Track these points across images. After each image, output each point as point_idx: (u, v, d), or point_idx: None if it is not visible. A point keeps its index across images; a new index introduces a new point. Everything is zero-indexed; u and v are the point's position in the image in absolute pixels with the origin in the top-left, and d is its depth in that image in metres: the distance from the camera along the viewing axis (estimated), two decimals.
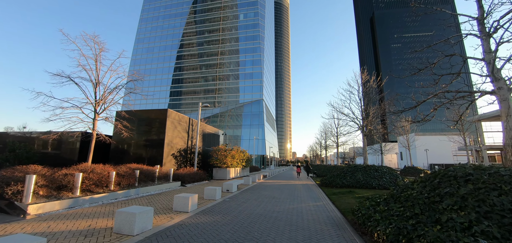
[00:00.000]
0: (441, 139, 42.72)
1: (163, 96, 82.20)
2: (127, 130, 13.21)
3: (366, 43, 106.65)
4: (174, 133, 16.38)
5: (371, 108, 17.28)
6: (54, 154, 15.54)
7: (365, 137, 17.14)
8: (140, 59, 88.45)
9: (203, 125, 22.23)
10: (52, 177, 7.01)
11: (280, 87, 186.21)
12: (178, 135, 16.92)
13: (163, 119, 15.35)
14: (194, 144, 19.33)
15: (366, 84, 18.22)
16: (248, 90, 69.64)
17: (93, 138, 11.74)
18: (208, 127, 23.73)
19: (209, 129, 24.20)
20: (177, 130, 16.78)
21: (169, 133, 15.66)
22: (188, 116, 19.20)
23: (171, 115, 16.04)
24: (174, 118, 16.46)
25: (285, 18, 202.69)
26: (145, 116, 16.04)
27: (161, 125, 15.35)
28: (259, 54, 70.28)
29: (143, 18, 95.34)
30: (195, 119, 19.79)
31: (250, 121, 66.94)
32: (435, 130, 78.13)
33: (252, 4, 75.80)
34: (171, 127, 16.03)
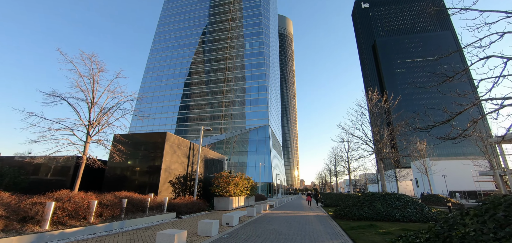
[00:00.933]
0: (464, 163, 39.55)
1: (169, 123, 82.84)
2: (121, 154, 12.25)
3: (370, 70, 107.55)
4: (173, 158, 15.29)
5: (386, 130, 15.89)
6: (45, 180, 14.55)
7: (381, 161, 15.49)
8: (148, 87, 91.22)
9: (206, 150, 21.14)
10: (16, 207, 5.90)
11: (286, 114, 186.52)
12: (177, 160, 15.81)
13: (161, 143, 14.38)
14: (194, 170, 18.07)
15: (377, 104, 17.08)
16: (253, 116, 69.32)
17: (83, 162, 10.78)
18: (210, 152, 22.58)
19: (212, 154, 23.02)
20: (176, 155, 15.71)
21: (167, 157, 14.59)
22: (193, 142, 18.27)
23: (170, 139, 15.11)
24: (173, 142, 15.49)
25: (289, 47, 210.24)
26: (142, 140, 15.15)
27: (159, 149, 14.36)
28: (264, 81, 71.17)
29: (154, 48, 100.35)
30: (196, 144, 18.78)
31: (256, 147, 65.50)
32: (450, 154, 74.03)
33: (257, 34, 78.90)
34: (170, 151, 15.00)
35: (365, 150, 17.38)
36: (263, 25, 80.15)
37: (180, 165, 16.22)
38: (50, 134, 10.08)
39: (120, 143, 13.12)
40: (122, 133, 14.06)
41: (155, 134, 15.14)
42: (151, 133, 15.12)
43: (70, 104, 10.84)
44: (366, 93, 18.01)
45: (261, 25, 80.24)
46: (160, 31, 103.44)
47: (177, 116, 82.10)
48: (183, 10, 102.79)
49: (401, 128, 15.14)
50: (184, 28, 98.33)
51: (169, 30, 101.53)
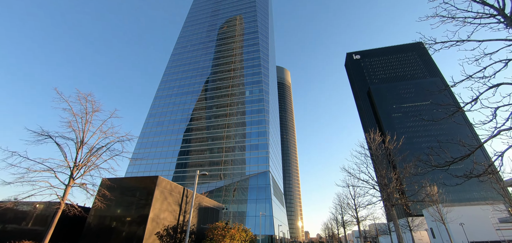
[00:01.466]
0: (484, 208, 36.30)
1: (167, 168, 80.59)
2: (105, 200, 11.13)
3: (367, 115, 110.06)
4: (163, 206, 13.93)
5: (393, 172, 14.82)
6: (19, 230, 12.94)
7: (392, 207, 13.91)
8: (149, 132, 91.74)
9: (200, 197, 19.63)
10: None
11: (287, 161, 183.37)
12: (167, 208, 14.39)
13: (151, 189, 13.27)
14: (186, 220, 16.36)
15: (381, 145, 16.39)
16: (253, 162, 67.67)
17: (60, 209, 9.64)
18: (206, 200, 20.94)
19: (207, 202, 21.33)
20: (167, 202, 14.37)
21: (157, 205, 13.27)
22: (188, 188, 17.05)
23: (161, 184, 14.02)
24: (164, 187, 14.35)
25: (288, 96, 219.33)
26: (131, 184, 14.04)
27: (148, 195, 13.16)
28: (264, 126, 71.77)
29: (158, 95, 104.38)
30: (190, 190, 17.47)
31: (256, 195, 62.11)
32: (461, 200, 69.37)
33: (257, 82, 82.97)
34: (160, 198, 13.75)
35: (373, 196, 15.97)
36: (262, 74, 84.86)
37: (171, 213, 14.71)
38: (29, 176, 9.24)
39: (107, 188, 12.10)
40: (110, 177, 13.11)
41: (145, 178, 14.11)
42: (142, 177, 14.09)
43: (57, 143, 10.27)
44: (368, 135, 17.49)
45: (260, 74, 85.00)
46: (165, 79, 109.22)
47: (176, 162, 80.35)
48: (187, 61, 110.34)
49: (411, 169, 14.09)
50: (188, 77, 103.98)
51: (174, 79, 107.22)
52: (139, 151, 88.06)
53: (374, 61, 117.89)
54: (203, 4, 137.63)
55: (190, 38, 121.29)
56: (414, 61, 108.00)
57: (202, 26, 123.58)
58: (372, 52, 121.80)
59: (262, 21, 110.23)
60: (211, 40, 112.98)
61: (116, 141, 11.66)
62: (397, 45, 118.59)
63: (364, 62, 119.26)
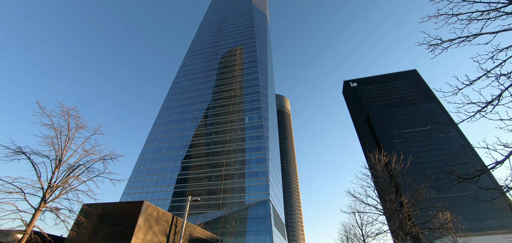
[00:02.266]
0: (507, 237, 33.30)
1: (163, 197, 77.20)
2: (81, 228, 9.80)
3: (368, 140, 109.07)
4: (148, 236, 12.42)
5: (403, 196, 13.43)
6: None
7: (407, 236, 12.24)
8: (146, 159, 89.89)
9: (192, 227, 17.91)
10: None
11: (288, 189, 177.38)
12: (153, 239, 12.83)
13: (134, 216, 11.91)
14: None
15: (387, 167, 15.26)
16: (253, 190, 64.88)
17: (24, 237, 8.33)
18: (198, 230, 19.11)
19: (200, 233, 19.46)
20: (152, 231, 12.86)
21: (140, 234, 11.81)
22: (178, 216, 15.56)
23: (147, 210, 12.68)
24: (150, 214, 12.95)
25: (288, 123, 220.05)
26: (113, 211, 12.67)
27: (130, 223, 11.76)
28: (264, 153, 70.30)
29: (157, 122, 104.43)
30: (181, 219, 15.93)
31: (255, 226, 58.36)
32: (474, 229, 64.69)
33: (256, 109, 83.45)
34: (145, 226, 12.31)
35: (383, 223, 14.37)
36: (261, 101, 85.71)
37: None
38: None
39: (85, 214, 10.81)
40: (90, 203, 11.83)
41: (128, 203, 12.80)
42: (125, 203, 12.78)
43: (32, 161, 9.28)
44: (372, 155, 16.40)
45: (259, 100, 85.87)
46: (165, 107, 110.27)
47: (173, 190, 77.28)
48: (188, 89, 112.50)
49: (423, 191, 12.76)
50: (188, 104, 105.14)
51: (174, 105, 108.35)
52: (134, 178, 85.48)
53: (371, 88, 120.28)
54: (205, 36, 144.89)
55: (191, 67, 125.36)
56: (410, 88, 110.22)
57: (203, 56, 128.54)
58: (369, 79, 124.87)
59: (261, 51, 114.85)
60: (212, 69, 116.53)
61: (97, 159, 10.64)
62: (393, 73, 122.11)
63: (361, 90, 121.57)
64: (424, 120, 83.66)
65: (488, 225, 61.43)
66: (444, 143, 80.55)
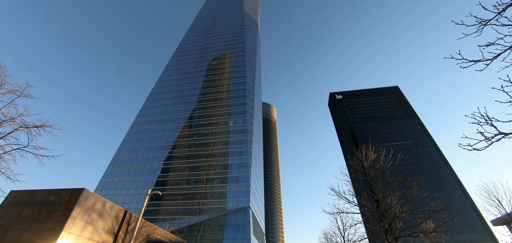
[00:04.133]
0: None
1: (136, 200, 71.86)
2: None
3: (350, 152, 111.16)
4: (86, 232, 9.94)
5: (392, 197, 12.13)
6: None
7: (397, 241, 10.84)
8: (122, 159, 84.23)
9: (151, 227, 15.39)
10: None
11: (270, 198, 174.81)
12: (94, 236, 10.34)
13: (68, 207, 9.47)
14: None
15: (375, 164, 14.11)
16: (233, 196, 62.07)
17: None
18: (159, 232, 16.55)
19: (162, 234, 16.89)
20: (93, 227, 10.38)
21: (75, 230, 9.35)
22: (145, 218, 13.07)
23: (87, 200, 10.24)
24: (92, 206, 10.50)
25: (273, 132, 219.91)
26: (45, 198, 10.05)
27: (61, 216, 9.28)
28: (246, 157, 68.17)
29: (136, 121, 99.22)
30: (135, 215, 13.46)
31: (233, 235, 55.32)
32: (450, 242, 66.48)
33: (241, 113, 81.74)
34: (82, 220, 9.85)
35: (372, 226, 12.97)
36: (247, 105, 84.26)
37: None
38: None
39: (12, 202, 8.27)
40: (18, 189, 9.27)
41: (65, 191, 10.27)
42: (61, 190, 10.26)
43: None
44: (359, 150, 15.22)
45: (245, 105, 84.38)
46: (147, 105, 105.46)
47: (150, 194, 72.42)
48: (173, 89, 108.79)
49: (415, 190, 11.54)
50: (171, 104, 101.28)
51: (156, 105, 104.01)
52: (107, 179, 79.48)
53: (355, 101, 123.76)
54: (194, 37, 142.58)
55: (178, 67, 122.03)
56: (392, 103, 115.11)
57: (191, 57, 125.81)
58: (354, 93, 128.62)
59: (249, 56, 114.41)
60: (199, 71, 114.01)
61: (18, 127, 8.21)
62: (376, 88, 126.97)
63: (346, 102, 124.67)
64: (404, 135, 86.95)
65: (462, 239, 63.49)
66: (423, 157, 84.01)
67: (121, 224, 12.34)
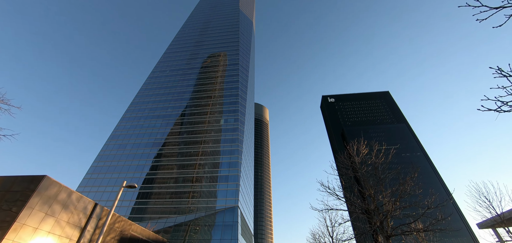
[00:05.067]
0: None
1: (122, 198, 69.37)
2: None
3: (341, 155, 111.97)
4: (45, 225, 8.91)
5: (384, 194, 11.65)
6: None
7: (389, 240, 10.33)
8: (108, 155, 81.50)
9: (126, 222, 14.35)
10: None
11: (260, 199, 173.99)
12: (55, 230, 9.31)
13: (25, 195, 8.43)
14: None
15: (367, 159, 13.77)
16: (222, 195, 60.95)
17: None
18: (135, 228, 15.50)
19: (138, 231, 15.82)
20: (55, 219, 9.35)
21: (32, 222, 8.33)
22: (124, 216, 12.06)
23: (48, 189, 9.21)
24: (54, 196, 9.46)
25: (265, 133, 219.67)
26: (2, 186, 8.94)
27: (16, 206, 8.24)
28: (236, 156, 67.28)
29: (125, 117, 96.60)
30: (106, 208, 12.44)
31: (220, 235, 54.23)
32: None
33: (233, 111, 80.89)
34: (42, 211, 8.82)
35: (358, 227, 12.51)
36: (239, 104, 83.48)
37: (60, 239, 9.54)
38: None
39: None
40: None
41: (23, 177, 9.20)
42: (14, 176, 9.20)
43: None
44: (350, 146, 14.85)
45: (237, 104, 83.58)
46: (137, 101, 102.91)
47: (138, 191, 70.00)
48: (164, 85, 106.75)
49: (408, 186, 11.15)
50: (162, 101, 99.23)
51: (146, 101, 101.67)
52: (91, 175, 76.74)
53: (347, 105, 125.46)
54: (188, 34, 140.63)
55: (170, 63, 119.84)
56: (383, 108, 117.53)
57: (184, 54, 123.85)
58: (346, 96, 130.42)
59: (243, 56, 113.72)
60: (191, 68, 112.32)
61: None
62: (368, 92, 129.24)
63: (338, 105, 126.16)
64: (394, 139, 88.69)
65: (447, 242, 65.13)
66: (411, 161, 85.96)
67: (90, 218, 11.31)
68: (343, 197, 12.99)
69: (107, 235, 11.45)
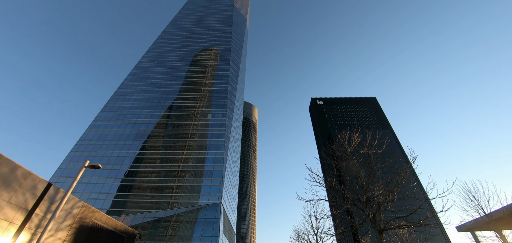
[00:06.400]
0: None
1: (105, 191, 65.53)
2: None
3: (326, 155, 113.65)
4: None
5: (378, 185, 11.14)
6: None
7: (381, 234, 9.71)
8: (86, 145, 77.19)
9: (88, 209, 12.85)
10: None
11: (244, 199, 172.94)
12: None
13: None
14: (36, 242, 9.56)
15: (360, 147, 13.36)
16: (205, 191, 59.31)
17: None
18: (99, 216, 13.97)
19: (103, 220, 14.30)
20: None
21: None
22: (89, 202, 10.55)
23: None
24: None
25: (253, 132, 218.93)
26: None
27: None
28: (222, 152, 65.91)
29: (107, 106, 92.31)
30: (62, 191, 10.94)
31: (202, 231, 52.63)
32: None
33: (221, 106, 79.44)
34: None
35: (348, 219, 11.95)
36: (228, 100, 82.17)
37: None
38: None
39: None
40: None
41: None
42: None
43: None
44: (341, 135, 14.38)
45: (226, 99, 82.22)
46: (121, 91, 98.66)
47: (119, 184, 66.43)
48: (151, 76, 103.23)
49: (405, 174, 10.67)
50: (148, 92, 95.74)
51: (131, 91, 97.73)
52: (67, 165, 72.30)
53: (335, 108, 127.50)
54: (179, 26, 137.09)
55: (158, 54, 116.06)
56: (369, 113, 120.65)
57: (174, 45, 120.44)
58: (334, 100, 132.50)
59: (235, 52, 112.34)
60: (181, 60, 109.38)
61: None
62: (356, 97, 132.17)
63: (326, 108, 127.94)
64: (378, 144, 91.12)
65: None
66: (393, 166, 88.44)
67: (41, 200, 9.82)
68: (327, 187, 12.43)
69: (61, 222, 10.03)
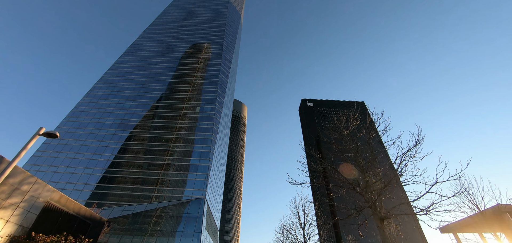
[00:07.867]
0: None
1: (83, 181, 61.65)
2: None
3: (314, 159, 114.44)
4: None
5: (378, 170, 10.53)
6: None
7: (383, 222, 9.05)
8: (65, 133, 72.89)
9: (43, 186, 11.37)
10: None
11: (230, 197, 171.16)
12: None
13: None
14: None
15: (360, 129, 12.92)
16: (190, 185, 57.52)
17: None
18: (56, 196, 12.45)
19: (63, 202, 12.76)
20: None
21: None
22: None
23: None
24: None
25: (242, 130, 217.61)
26: None
27: None
28: (209, 146, 64.36)
29: (90, 93, 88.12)
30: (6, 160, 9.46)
31: (183, 227, 50.84)
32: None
33: (210, 100, 77.85)
34: None
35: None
36: (218, 94, 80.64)
37: None
38: None
39: None
40: None
41: None
42: None
43: None
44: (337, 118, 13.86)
45: (216, 93, 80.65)
46: (106, 79, 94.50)
47: (100, 175, 62.77)
48: (138, 65, 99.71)
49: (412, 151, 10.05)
50: (134, 81, 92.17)
51: (117, 79, 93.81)
52: (43, 153, 68.10)
53: (324, 110, 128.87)
54: (172, 16, 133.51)
55: (148, 43, 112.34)
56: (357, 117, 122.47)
57: (164, 36, 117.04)
58: (324, 102, 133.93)
59: (228, 47, 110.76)
60: (172, 51, 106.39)
61: None
62: (345, 101, 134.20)
63: (316, 110, 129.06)
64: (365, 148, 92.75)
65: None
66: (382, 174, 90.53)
67: None
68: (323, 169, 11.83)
69: (5, 198, 8.61)
